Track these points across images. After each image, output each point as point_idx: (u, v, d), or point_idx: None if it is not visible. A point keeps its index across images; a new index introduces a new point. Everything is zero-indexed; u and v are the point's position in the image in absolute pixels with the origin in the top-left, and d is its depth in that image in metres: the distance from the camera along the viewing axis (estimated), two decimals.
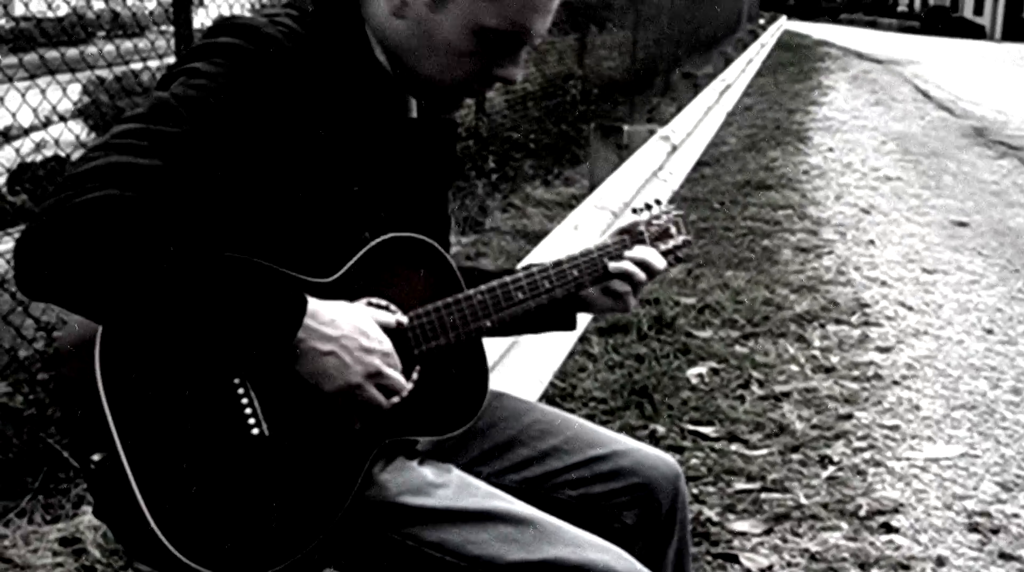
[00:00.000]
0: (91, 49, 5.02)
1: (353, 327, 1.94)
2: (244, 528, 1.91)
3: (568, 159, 12.58)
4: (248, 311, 1.81)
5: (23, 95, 4.47)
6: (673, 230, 2.60)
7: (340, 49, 2.08)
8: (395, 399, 2.04)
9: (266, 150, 1.93)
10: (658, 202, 2.64)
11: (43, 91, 4.53)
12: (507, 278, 2.28)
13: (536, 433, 2.41)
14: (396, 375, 2.00)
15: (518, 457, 2.38)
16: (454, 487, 2.13)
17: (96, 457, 1.84)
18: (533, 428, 2.42)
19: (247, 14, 2.30)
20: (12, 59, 4.77)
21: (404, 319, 2.09)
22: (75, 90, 5.00)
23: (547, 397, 5.16)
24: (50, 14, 5.12)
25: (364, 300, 2.09)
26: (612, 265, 2.42)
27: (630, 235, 2.51)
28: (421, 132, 2.29)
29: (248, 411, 1.93)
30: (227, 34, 1.97)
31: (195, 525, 1.87)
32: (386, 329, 2.06)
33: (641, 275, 2.43)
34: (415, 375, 2.14)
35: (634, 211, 2.60)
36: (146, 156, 1.78)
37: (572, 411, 5.03)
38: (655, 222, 2.58)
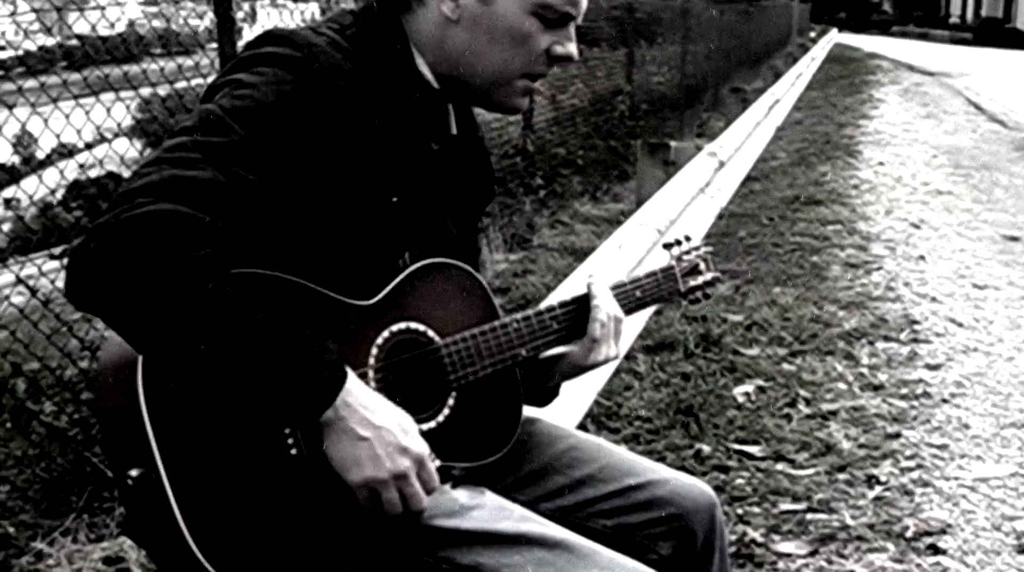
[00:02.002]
0: (138, 68, 5.05)
1: (396, 422, 1.92)
2: (278, 547, 1.91)
3: (617, 175, 12.57)
4: (281, 377, 1.80)
5: (67, 116, 4.49)
6: (702, 266, 2.68)
7: (383, 62, 2.09)
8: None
9: (311, 157, 1.93)
10: (688, 238, 2.71)
11: (87, 112, 4.56)
12: (542, 307, 2.29)
13: (571, 461, 2.39)
14: (420, 489, 1.94)
15: (553, 485, 2.36)
16: (488, 510, 2.11)
17: (134, 473, 1.83)
18: (568, 455, 2.40)
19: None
20: (58, 79, 4.82)
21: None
22: (123, 109, 5.03)
23: (592, 416, 5.15)
24: (99, 33, 5.17)
25: (404, 324, 2.09)
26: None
27: (663, 272, 2.57)
28: (461, 149, 2.29)
29: (287, 431, 1.92)
30: (270, 44, 1.99)
31: (231, 543, 1.86)
32: (422, 361, 2.07)
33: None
34: (451, 401, 2.14)
35: (665, 247, 2.66)
36: (198, 168, 1.79)
37: (617, 430, 5.04)
38: (685, 258, 2.66)
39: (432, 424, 2.10)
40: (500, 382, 2.24)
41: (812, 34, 50.63)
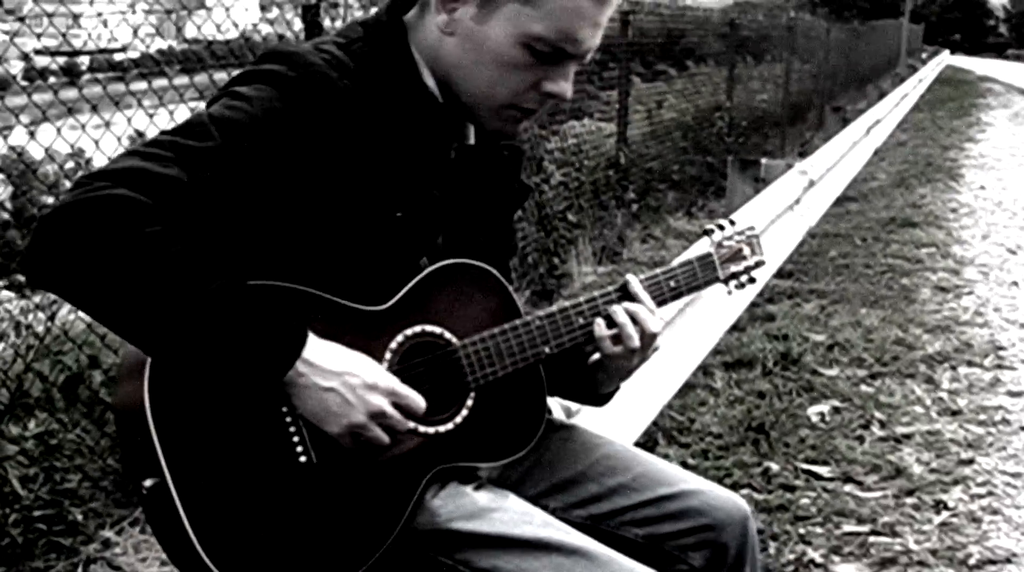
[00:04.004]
0: None
1: (357, 365, 1.93)
2: (292, 556, 1.93)
3: (713, 191, 12.55)
4: (240, 341, 1.82)
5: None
6: (747, 251, 2.55)
7: (387, 76, 2.08)
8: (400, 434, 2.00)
9: (302, 176, 1.95)
10: (732, 222, 2.59)
11: None
12: (567, 303, 2.27)
13: (604, 469, 2.38)
14: (399, 416, 1.96)
15: (585, 493, 2.36)
16: (510, 513, 2.11)
17: (148, 483, 1.85)
18: (602, 464, 2.39)
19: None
20: (183, 79, 4.92)
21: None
22: None
23: (663, 430, 5.15)
24: (219, 36, 5.28)
25: (419, 327, 2.09)
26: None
27: (699, 260, 2.47)
28: (479, 158, 2.28)
29: (296, 439, 1.94)
30: (270, 61, 2.00)
31: (242, 552, 1.88)
32: (439, 364, 2.09)
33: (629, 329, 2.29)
34: (469, 402, 2.13)
35: (705, 233, 2.56)
36: (164, 166, 1.82)
37: (687, 445, 5.03)
38: (726, 243, 2.53)
39: (450, 425, 2.10)
40: (523, 380, 2.22)
41: (923, 55, 50.06)
